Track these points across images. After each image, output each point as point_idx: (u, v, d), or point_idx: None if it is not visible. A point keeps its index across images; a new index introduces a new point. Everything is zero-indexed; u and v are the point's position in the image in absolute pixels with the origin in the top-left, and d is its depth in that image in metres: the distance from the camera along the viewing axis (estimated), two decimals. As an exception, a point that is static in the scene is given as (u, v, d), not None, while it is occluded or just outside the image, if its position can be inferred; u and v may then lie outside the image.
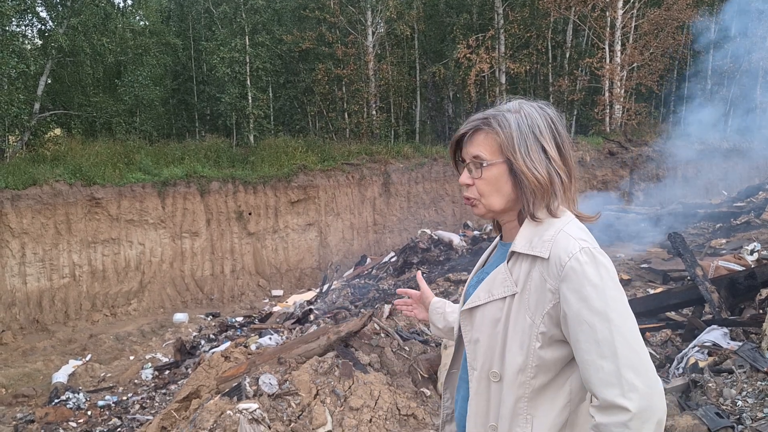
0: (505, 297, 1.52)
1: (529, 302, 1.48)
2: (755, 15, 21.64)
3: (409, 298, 2.24)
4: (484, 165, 1.53)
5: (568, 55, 22.96)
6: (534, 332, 1.47)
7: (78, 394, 9.76)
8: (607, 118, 22.22)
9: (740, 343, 5.10)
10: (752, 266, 7.61)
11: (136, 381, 10.46)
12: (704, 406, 4.22)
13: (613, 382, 1.35)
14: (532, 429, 1.50)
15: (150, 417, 8.20)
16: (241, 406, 4.68)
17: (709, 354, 5.32)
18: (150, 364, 11.07)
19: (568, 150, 1.55)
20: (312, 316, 10.95)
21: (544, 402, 1.50)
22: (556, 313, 1.44)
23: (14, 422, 9.08)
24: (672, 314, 7.21)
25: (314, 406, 4.78)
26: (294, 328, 10.04)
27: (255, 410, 4.62)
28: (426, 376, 5.47)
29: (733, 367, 4.66)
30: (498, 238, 1.77)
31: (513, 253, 1.54)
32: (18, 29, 16.82)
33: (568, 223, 1.51)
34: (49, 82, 17.89)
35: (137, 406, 9.25)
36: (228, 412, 4.61)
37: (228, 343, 10.01)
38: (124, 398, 9.72)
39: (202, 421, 4.61)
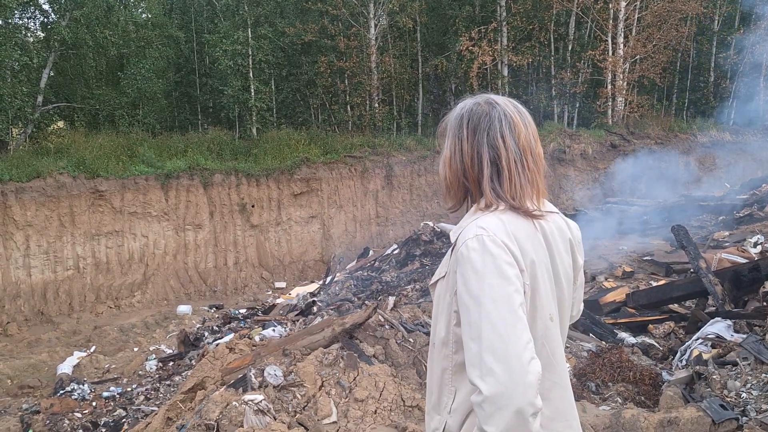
0: (443, 276, 1.66)
1: (450, 283, 1.60)
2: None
3: None
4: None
5: (570, 48, 22.87)
6: (451, 309, 1.59)
7: (83, 385, 9.82)
8: (610, 111, 22.16)
9: (744, 336, 5.12)
10: (756, 258, 7.62)
11: (140, 372, 10.51)
12: (709, 398, 4.24)
13: (475, 363, 1.40)
14: (454, 399, 1.61)
15: (155, 408, 8.25)
16: (247, 397, 4.71)
17: (713, 346, 5.34)
18: (154, 356, 11.13)
19: (492, 141, 1.59)
20: (315, 308, 10.99)
21: (465, 377, 1.55)
22: None
23: (20, 413, 9.14)
24: (675, 306, 7.23)
25: (319, 398, 4.81)
26: (297, 320, 10.08)
27: (260, 401, 4.65)
28: (430, 367, 5.48)
29: (737, 359, 4.68)
30: None
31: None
32: (21, 22, 16.80)
33: (486, 215, 1.56)
34: (52, 74, 17.86)
35: (142, 398, 9.30)
36: (234, 403, 4.64)
37: (231, 335, 10.07)
38: (129, 389, 9.77)
39: (207, 412, 4.64)
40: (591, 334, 6.53)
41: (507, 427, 1.34)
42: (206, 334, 11.75)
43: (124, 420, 8.46)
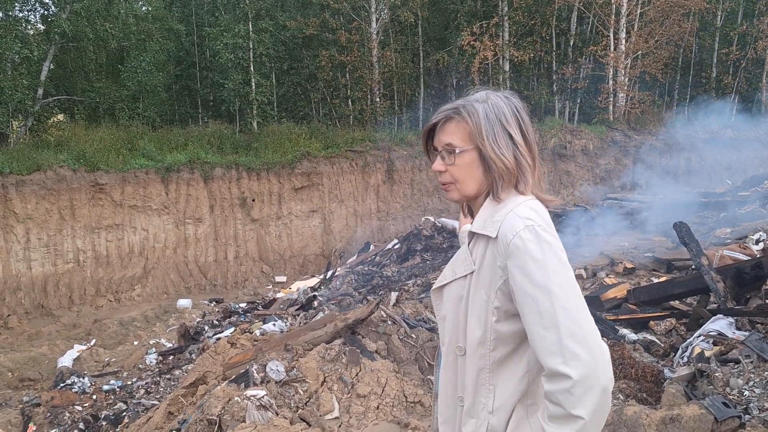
0: (466, 275, 1.63)
1: (484, 279, 1.58)
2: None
3: None
4: (456, 152, 1.63)
5: (572, 43, 22.80)
6: (489, 307, 1.56)
7: (83, 378, 9.83)
8: (611, 107, 22.12)
9: (746, 333, 5.12)
10: (758, 255, 7.61)
11: (140, 366, 10.51)
12: (711, 395, 4.23)
13: (555, 351, 1.41)
14: (494, 398, 1.60)
15: (155, 402, 8.25)
16: (249, 392, 4.71)
17: (715, 344, 5.33)
18: (154, 350, 11.13)
19: (532, 136, 1.66)
20: (316, 303, 10.99)
21: (505, 372, 1.59)
22: (507, 288, 1.53)
23: (21, 405, 9.15)
24: (677, 303, 7.22)
25: (322, 393, 4.81)
26: (298, 315, 10.08)
27: (263, 397, 4.65)
28: (433, 363, 5.49)
29: (739, 357, 4.68)
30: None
31: (472, 233, 1.65)
32: (21, 14, 16.72)
33: (520, 204, 1.58)
34: (53, 67, 17.80)
35: (142, 391, 9.29)
36: (236, 398, 4.64)
37: (232, 329, 10.07)
38: (129, 383, 9.77)
39: (210, 407, 4.64)
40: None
41: (595, 407, 1.40)
42: (206, 328, 11.73)
43: (124, 413, 8.46)
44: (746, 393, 4.23)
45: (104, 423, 8.26)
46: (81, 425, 8.27)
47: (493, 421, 1.60)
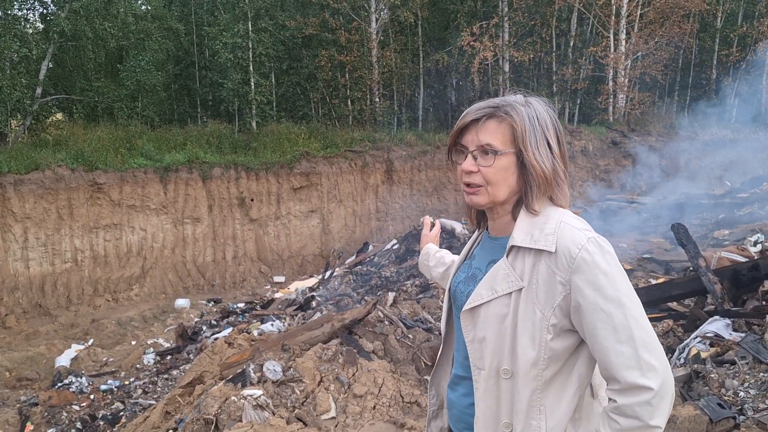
0: (511, 292, 1.52)
1: (538, 296, 1.49)
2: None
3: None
4: (497, 153, 1.53)
5: (572, 44, 22.81)
6: (545, 325, 1.48)
7: (81, 378, 9.83)
8: (611, 108, 22.12)
9: (743, 335, 5.11)
10: (756, 257, 7.61)
11: (138, 366, 10.51)
12: (706, 396, 4.23)
13: (632, 365, 1.39)
14: (546, 419, 1.52)
15: (152, 402, 8.25)
16: (246, 392, 4.71)
17: (711, 345, 5.33)
18: (152, 349, 11.13)
19: (565, 146, 1.61)
20: (314, 303, 10.98)
21: (554, 391, 1.53)
22: (567, 304, 1.46)
23: (18, 405, 9.15)
24: (674, 305, 7.22)
25: (318, 393, 4.81)
26: (296, 315, 10.07)
27: (259, 396, 4.65)
28: (429, 363, 5.49)
29: (735, 358, 4.68)
30: (478, 230, 1.80)
31: (512, 247, 1.55)
32: (20, 13, 16.71)
33: (565, 215, 1.54)
34: (51, 66, 17.77)
35: (140, 391, 9.29)
36: (233, 398, 4.64)
37: (230, 329, 10.06)
38: (127, 383, 9.77)
39: (206, 406, 4.64)
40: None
41: (667, 415, 1.42)
42: (204, 328, 11.73)
43: (121, 413, 8.46)
44: (741, 394, 4.23)
45: (102, 423, 8.26)
46: (78, 425, 8.27)
47: None
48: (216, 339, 9.07)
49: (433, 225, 2.47)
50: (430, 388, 1.90)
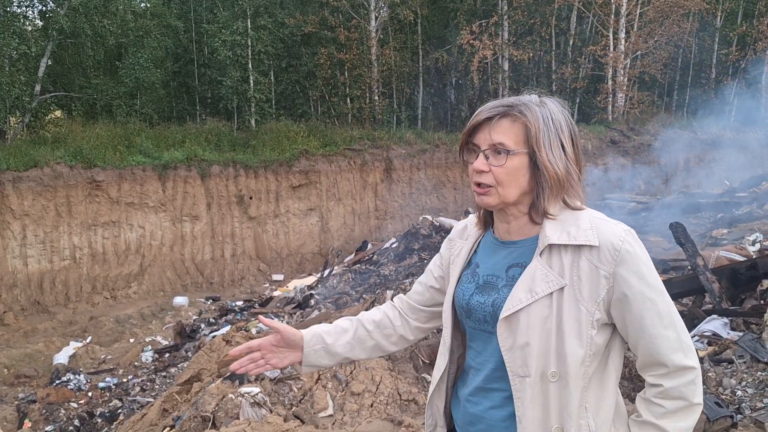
0: (552, 292, 1.49)
1: (581, 292, 1.48)
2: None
3: (253, 351, 1.77)
4: (510, 153, 1.50)
5: (571, 43, 22.81)
6: (589, 320, 1.48)
7: (79, 375, 9.83)
8: (610, 107, 22.13)
9: (740, 334, 5.12)
10: (754, 257, 7.62)
11: (136, 363, 10.52)
12: (704, 395, 4.24)
13: (677, 348, 1.47)
14: (592, 416, 1.51)
15: (150, 399, 8.25)
16: (243, 389, 4.71)
17: (709, 344, 5.34)
18: (150, 347, 11.13)
19: (580, 148, 1.60)
20: (313, 301, 10.99)
21: (596, 387, 1.52)
22: (609, 297, 1.47)
23: (17, 402, 9.16)
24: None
25: (316, 391, 4.81)
26: (294, 313, 10.09)
27: (257, 394, 4.65)
28: (427, 361, 5.49)
29: (733, 357, 4.68)
30: (480, 232, 1.73)
31: (548, 246, 1.52)
32: (19, 10, 16.70)
33: (592, 212, 1.56)
34: (50, 63, 17.75)
35: (138, 388, 9.31)
36: (230, 395, 4.63)
37: (228, 327, 10.05)
38: (125, 380, 9.78)
39: (204, 404, 4.64)
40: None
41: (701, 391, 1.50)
42: (203, 325, 11.74)
43: (119, 410, 8.47)
44: (739, 393, 4.24)
45: (99, 420, 8.27)
46: (76, 422, 8.28)
47: None
48: (214, 337, 9.07)
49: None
50: (430, 405, 1.81)
